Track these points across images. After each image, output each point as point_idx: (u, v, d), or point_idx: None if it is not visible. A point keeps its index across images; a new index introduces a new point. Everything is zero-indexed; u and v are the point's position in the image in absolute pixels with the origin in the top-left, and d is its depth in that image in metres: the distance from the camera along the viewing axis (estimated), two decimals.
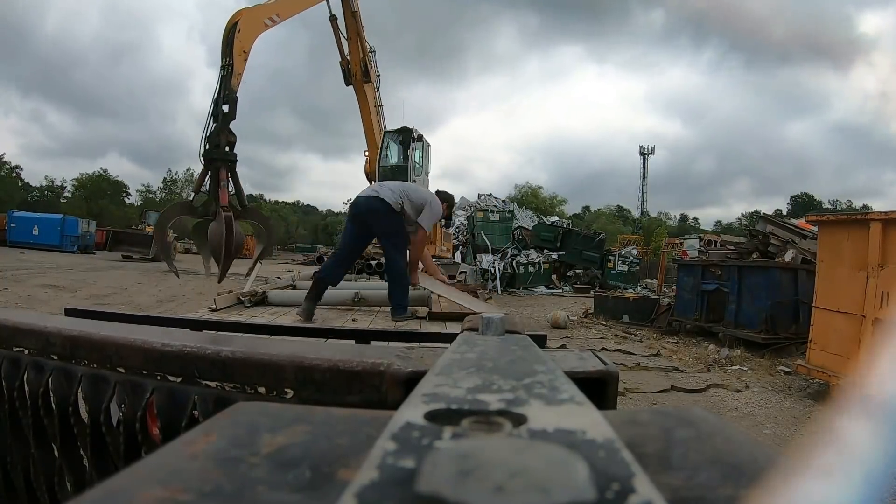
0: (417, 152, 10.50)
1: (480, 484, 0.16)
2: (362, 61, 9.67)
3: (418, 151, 10.54)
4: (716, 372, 5.64)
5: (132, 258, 19.34)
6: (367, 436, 0.24)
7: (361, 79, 9.78)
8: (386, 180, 10.68)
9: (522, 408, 0.24)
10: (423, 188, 4.60)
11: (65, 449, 0.74)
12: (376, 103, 10.39)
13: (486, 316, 0.55)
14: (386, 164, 10.33)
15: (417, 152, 10.50)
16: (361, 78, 9.77)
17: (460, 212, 19.55)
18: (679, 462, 0.22)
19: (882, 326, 4.16)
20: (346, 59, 9.74)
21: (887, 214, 4.25)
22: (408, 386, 0.50)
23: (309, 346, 0.62)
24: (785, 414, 4.25)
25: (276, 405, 0.28)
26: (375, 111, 10.33)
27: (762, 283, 6.67)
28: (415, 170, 10.20)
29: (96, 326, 0.75)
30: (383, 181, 4.72)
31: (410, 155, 10.17)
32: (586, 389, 0.30)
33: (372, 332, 1.32)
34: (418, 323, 3.06)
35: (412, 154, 10.19)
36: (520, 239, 17.11)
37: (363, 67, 9.72)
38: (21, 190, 45.33)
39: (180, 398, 0.63)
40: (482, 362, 0.35)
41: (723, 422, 0.26)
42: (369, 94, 10.11)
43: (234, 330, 1.22)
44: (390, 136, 10.51)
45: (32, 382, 0.74)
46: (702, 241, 14.24)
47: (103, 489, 0.19)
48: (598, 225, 41.76)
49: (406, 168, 10.08)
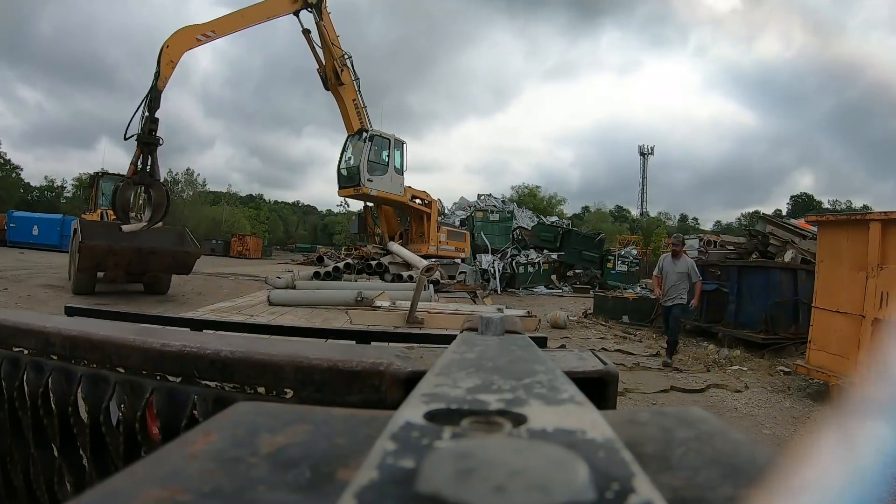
0: (383, 152, 10.98)
1: (480, 484, 0.16)
2: (334, 66, 10.57)
3: (383, 151, 11.00)
4: (715, 372, 5.65)
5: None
6: (366, 436, 0.24)
7: (336, 82, 10.70)
8: (343, 181, 11.14)
9: (522, 408, 0.24)
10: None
11: (65, 449, 0.74)
12: (358, 105, 11.05)
13: (485, 316, 0.55)
14: (344, 167, 11.01)
15: (383, 152, 10.98)
16: (336, 82, 10.69)
17: (460, 212, 19.57)
18: (679, 462, 0.22)
19: (881, 326, 4.18)
20: (322, 66, 10.68)
21: (887, 215, 4.25)
22: (408, 386, 0.50)
23: (309, 346, 0.62)
24: (784, 414, 4.25)
25: (275, 405, 0.28)
26: (355, 113, 10.98)
27: (762, 283, 6.67)
28: (373, 168, 10.65)
29: (96, 326, 0.75)
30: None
31: (364, 154, 10.60)
32: (586, 389, 0.30)
33: (372, 332, 1.31)
34: (418, 323, 3.06)
35: (365, 154, 10.61)
36: (519, 239, 17.12)
37: (335, 72, 10.61)
38: (21, 190, 45.28)
39: (180, 398, 0.63)
40: (482, 362, 0.35)
41: (722, 422, 0.26)
42: (347, 96, 10.89)
43: (234, 330, 1.22)
44: (350, 139, 11.09)
45: (32, 382, 0.74)
46: (701, 242, 14.23)
47: (103, 489, 0.19)
48: (595, 226, 41.71)
49: (359, 167, 10.55)
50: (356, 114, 10.98)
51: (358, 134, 10.90)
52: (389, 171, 10.94)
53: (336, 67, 10.59)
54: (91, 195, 13.16)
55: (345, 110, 10.95)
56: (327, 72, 10.67)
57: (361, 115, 11.10)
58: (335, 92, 10.86)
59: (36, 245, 20.38)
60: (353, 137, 11.02)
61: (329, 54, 10.50)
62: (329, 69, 10.63)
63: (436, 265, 7.95)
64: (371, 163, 10.60)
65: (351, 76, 10.86)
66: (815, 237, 5.79)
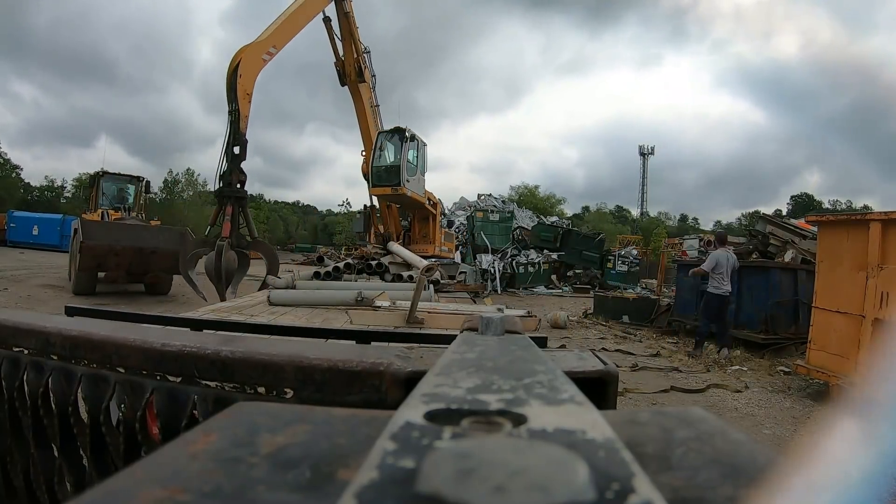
0: (411, 152, 10.61)
1: (480, 484, 0.16)
2: (356, 62, 9.87)
3: (412, 151, 10.65)
4: (715, 372, 5.65)
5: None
6: (366, 436, 0.24)
7: (356, 79, 10.01)
8: (380, 180, 10.77)
9: (522, 408, 0.24)
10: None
11: (65, 449, 0.74)
12: (372, 103, 10.57)
13: (485, 316, 0.55)
14: (380, 165, 10.49)
15: (411, 152, 10.61)
16: (356, 79, 10.01)
17: (460, 212, 19.57)
18: (679, 462, 0.22)
19: (882, 326, 4.17)
20: (340, 61, 9.94)
21: (887, 214, 4.25)
22: (408, 386, 0.50)
23: (309, 346, 0.62)
24: (784, 414, 4.25)
25: (275, 405, 0.28)
26: (371, 111, 10.51)
27: (762, 283, 6.67)
28: (408, 169, 10.32)
29: (96, 326, 0.74)
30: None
31: (403, 154, 10.26)
32: (586, 389, 0.30)
33: (372, 332, 1.31)
34: (418, 323, 3.05)
35: (405, 153, 10.27)
36: (519, 239, 17.11)
37: (357, 68, 9.94)
38: (21, 190, 45.28)
39: (180, 398, 0.63)
40: (482, 362, 0.35)
41: (722, 422, 0.26)
42: (364, 94, 10.29)
43: (234, 330, 1.22)
44: (384, 136, 10.66)
45: (32, 382, 0.74)
46: (701, 242, 14.25)
47: (103, 489, 0.19)
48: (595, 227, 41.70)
49: (399, 168, 10.19)
50: (372, 112, 10.52)
51: (394, 133, 10.53)
52: (418, 173, 10.70)
53: (360, 63, 9.88)
54: (91, 195, 13.11)
55: (362, 108, 10.33)
56: (347, 67, 9.91)
57: (375, 113, 10.68)
58: (353, 88, 10.15)
59: (36, 245, 20.36)
60: (387, 135, 10.59)
61: (351, 48, 9.72)
62: (349, 64, 9.87)
63: (436, 265, 7.95)
64: (409, 163, 10.33)
65: (370, 73, 10.35)
66: (815, 237, 5.79)
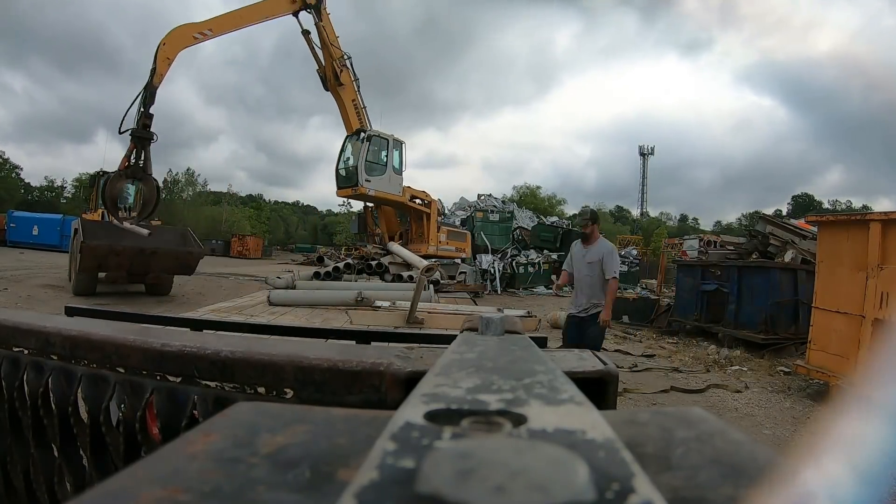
0: (383, 152, 11.12)
1: (480, 484, 0.16)
2: (333, 67, 10.74)
3: (383, 151, 11.15)
4: (715, 372, 5.64)
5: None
6: (366, 436, 0.24)
7: (335, 83, 10.89)
8: (340, 181, 11.23)
9: (522, 408, 0.24)
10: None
11: (65, 449, 0.74)
12: (357, 105, 11.21)
13: (485, 316, 0.55)
14: (342, 167, 11.14)
15: (383, 152, 11.12)
16: (335, 83, 10.89)
17: (460, 212, 19.56)
18: (679, 462, 0.22)
19: (882, 327, 4.17)
20: (322, 67, 10.83)
21: (887, 215, 4.25)
22: (408, 386, 0.50)
23: (309, 346, 0.62)
24: (784, 414, 4.25)
25: (275, 405, 0.28)
26: (354, 113, 11.14)
27: (762, 283, 6.67)
28: (374, 169, 10.81)
29: (96, 326, 0.74)
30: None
31: (362, 154, 10.75)
32: (586, 389, 0.30)
33: (372, 332, 1.31)
34: (418, 323, 3.06)
35: (363, 154, 10.75)
36: (519, 239, 17.11)
37: (334, 72, 10.78)
38: (21, 190, 45.29)
39: (180, 398, 0.63)
40: (482, 362, 0.35)
41: (722, 422, 0.26)
42: (346, 97, 11.05)
43: (234, 330, 1.22)
44: (348, 139, 11.22)
45: (32, 382, 0.74)
46: (701, 242, 14.23)
47: (103, 489, 0.19)
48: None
49: (357, 168, 10.70)
50: (356, 114, 11.16)
51: (356, 134, 11.07)
52: (388, 171, 11.11)
53: (336, 68, 10.76)
54: (92, 195, 13.17)
55: (344, 111, 11.13)
56: (326, 73, 10.85)
57: (361, 115, 11.27)
58: (334, 92, 11.04)
59: (36, 245, 20.38)
60: (351, 137, 11.19)
61: (328, 55, 10.66)
62: (328, 70, 10.80)
63: (436, 265, 7.96)
64: (369, 163, 10.78)
65: (350, 77, 11.05)
66: (815, 237, 5.79)
